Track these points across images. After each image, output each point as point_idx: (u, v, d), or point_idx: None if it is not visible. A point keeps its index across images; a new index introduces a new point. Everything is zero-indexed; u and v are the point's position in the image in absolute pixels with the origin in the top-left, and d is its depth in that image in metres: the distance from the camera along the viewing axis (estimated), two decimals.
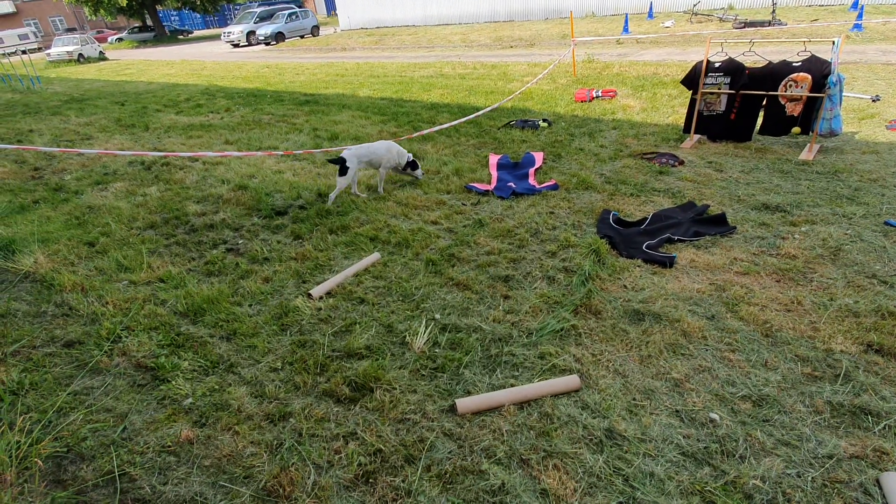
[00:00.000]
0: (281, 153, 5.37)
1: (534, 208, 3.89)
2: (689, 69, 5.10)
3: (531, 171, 4.62)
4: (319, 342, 2.52)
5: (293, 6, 27.55)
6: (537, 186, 4.28)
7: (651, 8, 17.08)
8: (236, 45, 25.40)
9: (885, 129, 5.04)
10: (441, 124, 6.13)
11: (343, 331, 2.61)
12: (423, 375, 2.27)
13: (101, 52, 23.87)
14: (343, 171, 4.06)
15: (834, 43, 4.36)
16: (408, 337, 2.48)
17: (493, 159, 4.96)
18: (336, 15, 29.38)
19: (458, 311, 2.70)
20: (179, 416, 2.13)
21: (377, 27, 26.47)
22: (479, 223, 3.68)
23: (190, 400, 2.21)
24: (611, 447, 1.88)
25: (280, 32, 24.62)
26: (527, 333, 2.50)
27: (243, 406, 2.16)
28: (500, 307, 2.71)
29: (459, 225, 3.71)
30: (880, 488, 1.66)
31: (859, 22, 11.03)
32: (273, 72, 13.98)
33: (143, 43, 31.84)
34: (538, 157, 4.92)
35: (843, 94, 4.72)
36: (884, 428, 1.87)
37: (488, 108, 6.80)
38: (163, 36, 33.47)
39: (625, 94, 7.33)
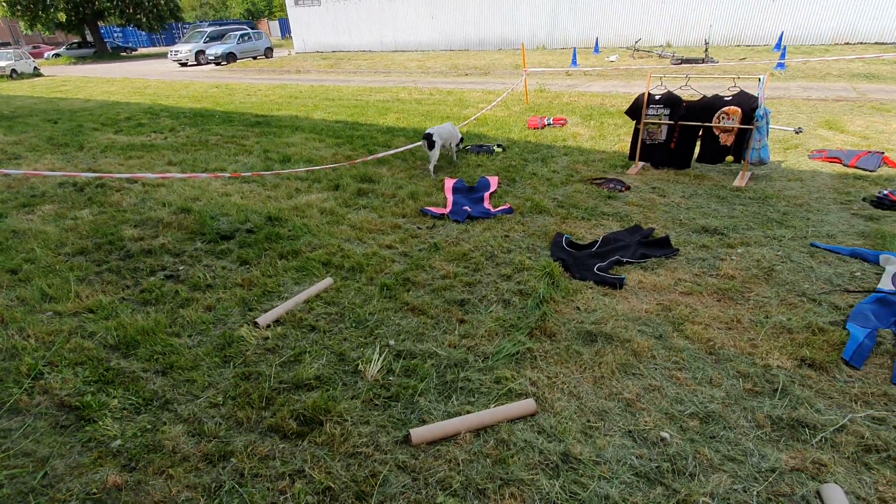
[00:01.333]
0: (228, 175, 5.18)
1: (489, 232, 3.93)
2: (632, 101, 5.40)
3: (486, 194, 4.68)
4: (265, 374, 2.38)
5: (245, 27, 27.27)
6: (492, 210, 4.34)
7: (597, 43, 18.15)
8: (184, 65, 24.72)
9: (807, 158, 5.50)
10: (397, 148, 6.15)
11: (292, 361, 2.48)
12: (377, 405, 2.19)
13: (35, 67, 22.55)
14: (431, 145, 5.12)
15: (760, 80, 4.75)
16: (361, 365, 2.40)
17: (449, 183, 5.00)
18: (291, 38, 29.30)
19: (413, 336, 2.65)
20: (107, 460, 1.94)
21: (333, 51, 26.58)
22: (435, 247, 3.66)
23: (119, 442, 2.01)
24: (567, 471, 1.86)
25: (231, 53, 24.23)
26: (483, 358, 2.47)
27: (179, 446, 1.99)
28: (456, 332, 2.68)
29: (415, 249, 3.68)
30: (821, 500, 1.72)
31: (782, 61, 12.16)
32: (223, 92, 13.64)
33: (81, 59, 30.42)
34: (493, 181, 5.01)
35: (770, 126, 5.13)
36: (820, 440, 1.96)
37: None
38: (104, 53, 32.12)
39: (574, 123, 7.66)
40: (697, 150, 5.20)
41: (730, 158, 5.09)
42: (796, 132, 6.39)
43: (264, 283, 3.20)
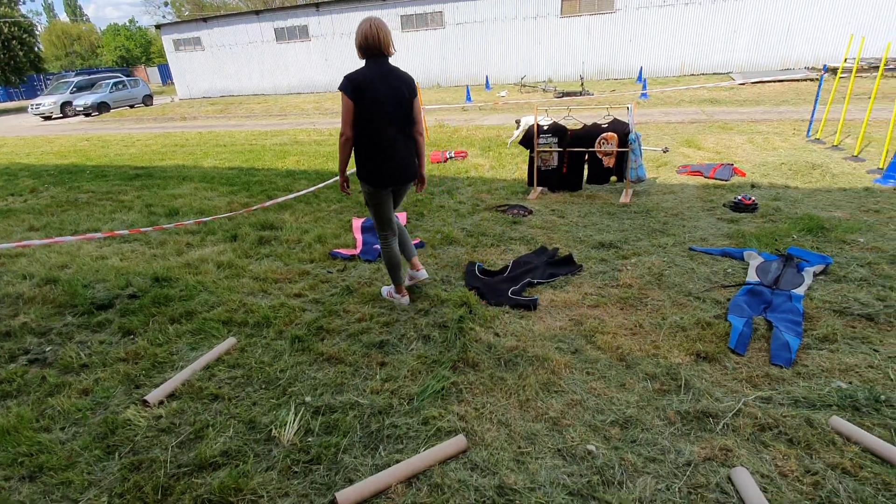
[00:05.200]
0: (102, 235, 4.62)
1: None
2: (524, 132, 5.78)
3: None
4: (160, 459, 2.07)
5: (120, 75, 25.31)
6: None
7: (487, 80, 19.44)
8: (47, 118, 22.23)
9: (676, 173, 6.24)
10: (299, 191, 5.95)
11: (192, 439, 2.19)
12: (296, 472, 1.99)
13: None
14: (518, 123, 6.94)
15: (628, 108, 5.35)
16: (274, 430, 2.18)
17: (357, 223, 4.92)
18: (173, 84, 27.74)
19: (332, 388, 2.48)
20: None
21: (222, 96, 25.56)
22: (348, 290, 3.53)
23: None
24: None
25: (104, 102, 22.24)
26: (408, 400, 2.38)
27: None
28: (378, 376, 2.56)
29: (326, 294, 3.52)
30: (732, 484, 1.85)
31: (645, 91, 13.93)
32: (94, 145, 12.40)
33: None
34: (401, 217, 5.01)
35: (642, 147, 5.76)
36: (723, 427, 2.13)
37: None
38: None
39: (475, 154, 8.01)
40: (586, 173, 5.68)
41: (614, 178, 5.62)
42: (664, 152, 7.26)
43: (153, 354, 2.84)
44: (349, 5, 21.38)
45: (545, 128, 5.55)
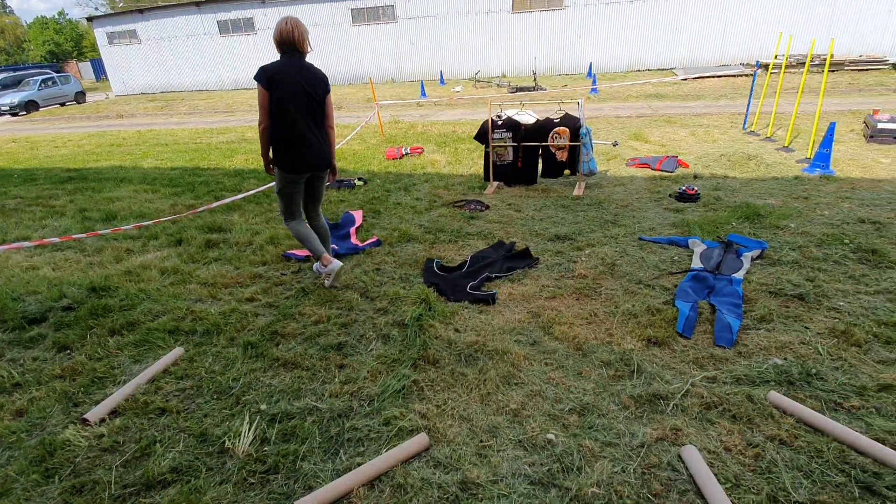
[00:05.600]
0: (32, 244, 4.28)
1: (359, 267, 3.83)
2: (479, 127, 5.82)
3: (352, 230, 4.58)
4: (104, 480, 1.94)
5: (49, 71, 23.56)
6: (360, 245, 4.25)
7: (441, 75, 19.42)
8: None
9: (625, 166, 6.47)
10: (248, 191, 5.74)
11: (138, 457, 2.07)
12: (252, 484, 1.92)
13: None
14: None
15: (578, 103, 5.48)
16: (228, 441, 2.09)
17: None
18: (108, 80, 26.08)
19: (289, 394, 2.41)
20: None
21: (162, 92, 24.26)
22: (303, 292, 3.44)
23: None
24: (467, 499, 1.82)
25: (32, 101, 20.68)
26: (368, 401, 2.35)
27: None
28: (336, 379, 2.51)
29: (281, 297, 3.41)
30: (682, 462, 1.94)
31: (595, 87, 14.33)
32: (22, 146, 11.49)
33: None
34: (357, 215, 4.94)
35: (594, 141, 5.93)
36: (673, 408, 2.23)
37: None
38: None
39: (431, 150, 7.99)
40: (541, 166, 5.78)
41: (567, 172, 5.75)
42: (613, 145, 7.50)
43: (93, 369, 2.66)
44: None
45: (499, 123, 5.61)
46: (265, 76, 2.97)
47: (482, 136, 5.72)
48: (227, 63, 23.08)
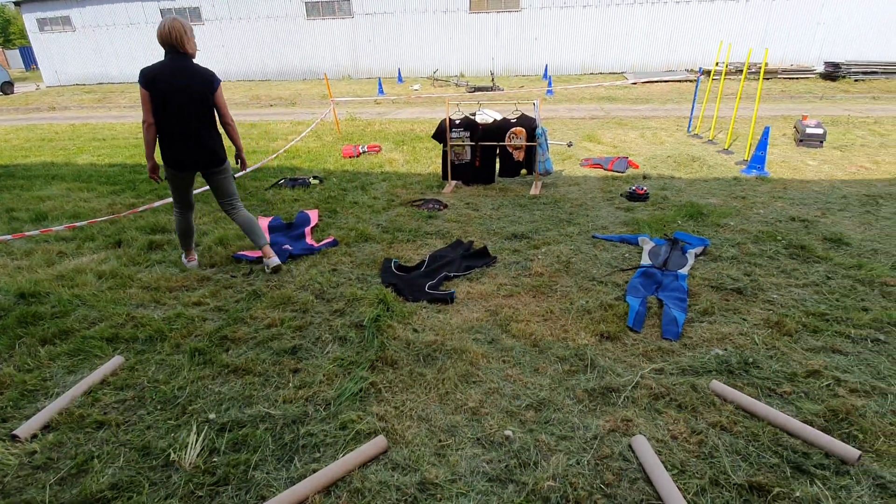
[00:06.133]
0: None
1: (315, 268, 3.73)
2: (436, 126, 5.81)
3: (307, 230, 4.47)
4: (37, 500, 1.80)
5: None
6: (315, 245, 4.15)
7: (399, 73, 19.28)
8: None
9: (579, 166, 6.65)
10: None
11: (74, 474, 1.93)
12: (200, 497, 1.83)
13: None
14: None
15: (534, 104, 5.58)
16: (173, 454, 1.98)
17: (264, 222, 4.64)
18: (38, 69, 24.24)
19: (240, 401, 2.32)
20: None
21: (99, 83, 22.78)
22: (255, 294, 3.32)
23: None
24: (425, 500, 1.82)
25: None
26: (324, 405, 2.29)
27: None
28: (290, 384, 2.44)
29: (230, 301, 3.28)
30: (633, 452, 2.02)
31: (550, 88, 14.66)
32: None
33: None
34: (313, 214, 4.82)
35: (549, 142, 6.06)
36: (624, 400, 2.31)
37: (252, 168, 6.43)
38: None
39: (388, 149, 7.92)
40: (498, 166, 5.85)
41: (524, 172, 5.85)
42: (568, 146, 7.70)
43: (22, 382, 2.45)
44: None
45: (457, 122, 5.63)
46: (144, 78, 3.12)
47: (440, 134, 5.72)
48: None
